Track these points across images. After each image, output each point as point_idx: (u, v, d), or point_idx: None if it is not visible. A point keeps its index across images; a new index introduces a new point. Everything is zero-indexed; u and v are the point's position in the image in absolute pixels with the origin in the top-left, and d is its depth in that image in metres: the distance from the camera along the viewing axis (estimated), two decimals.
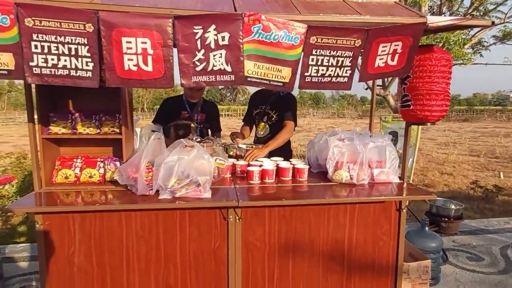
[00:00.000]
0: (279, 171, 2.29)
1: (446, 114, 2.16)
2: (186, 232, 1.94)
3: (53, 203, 1.86)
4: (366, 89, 10.03)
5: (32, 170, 1.95)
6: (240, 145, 2.78)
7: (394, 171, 2.21)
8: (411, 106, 2.08)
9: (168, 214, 1.90)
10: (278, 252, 2.05)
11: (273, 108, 2.95)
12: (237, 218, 1.92)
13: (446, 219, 3.80)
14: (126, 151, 2.04)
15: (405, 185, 2.23)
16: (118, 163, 2.06)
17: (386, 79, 9.65)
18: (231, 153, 2.66)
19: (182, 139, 1.90)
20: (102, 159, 2.09)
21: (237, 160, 2.50)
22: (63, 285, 1.92)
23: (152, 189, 1.87)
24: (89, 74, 1.58)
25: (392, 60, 1.81)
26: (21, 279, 2.81)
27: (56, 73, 1.55)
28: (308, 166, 2.30)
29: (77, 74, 1.57)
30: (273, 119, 2.96)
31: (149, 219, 1.90)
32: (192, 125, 2.96)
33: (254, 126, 3.16)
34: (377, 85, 9.87)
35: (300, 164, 2.37)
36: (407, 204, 2.18)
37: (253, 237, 2.01)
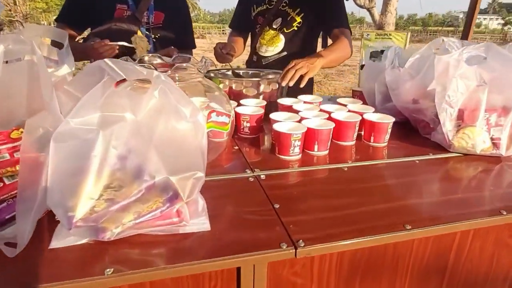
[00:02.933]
0: (334, 129, 1.09)
1: None
2: None
3: None
4: None
5: None
6: (236, 72, 1.50)
7: None
8: None
9: None
10: None
11: (294, 4, 1.63)
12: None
13: None
14: None
15: None
16: None
17: None
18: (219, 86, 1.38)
19: (105, 61, 0.59)
20: None
21: (236, 102, 1.24)
22: None
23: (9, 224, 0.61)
24: None
25: None
26: None
27: None
28: (393, 119, 1.12)
29: None
30: (294, 24, 1.64)
31: None
32: (139, 33, 1.57)
33: (251, 37, 1.83)
34: None
35: (371, 112, 1.18)
36: None
37: None
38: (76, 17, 1.51)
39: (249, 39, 1.87)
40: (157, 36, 1.58)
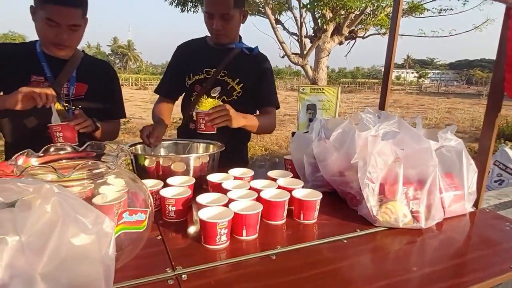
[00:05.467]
0: (264, 208, 1.06)
1: None
2: None
3: None
4: (283, 57, 9.16)
5: None
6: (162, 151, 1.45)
7: (473, 194, 1.22)
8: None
9: None
10: None
11: (233, 74, 1.67)
12: None
13: None
14: None
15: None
16: None
17: (304, 46, 8.92)
18: (145, 163, 1.32)
19: None
20: None
21: (163, 182, 1.17)
22: None
23: None
24: None
25: None
26: None
27: None
28: (321, 196, 1.13)
29: None
30: (234, 93, 1.68)
31: None
32: (58, 106, 1.47)
33: (184, 105, 1.81)
34: (294, 53, 9.10)
35: (300, 188, 1.18)
36: None
37: None
38: None
39: (178, 107, 1.86)
40: (78, 108, 1.49)
